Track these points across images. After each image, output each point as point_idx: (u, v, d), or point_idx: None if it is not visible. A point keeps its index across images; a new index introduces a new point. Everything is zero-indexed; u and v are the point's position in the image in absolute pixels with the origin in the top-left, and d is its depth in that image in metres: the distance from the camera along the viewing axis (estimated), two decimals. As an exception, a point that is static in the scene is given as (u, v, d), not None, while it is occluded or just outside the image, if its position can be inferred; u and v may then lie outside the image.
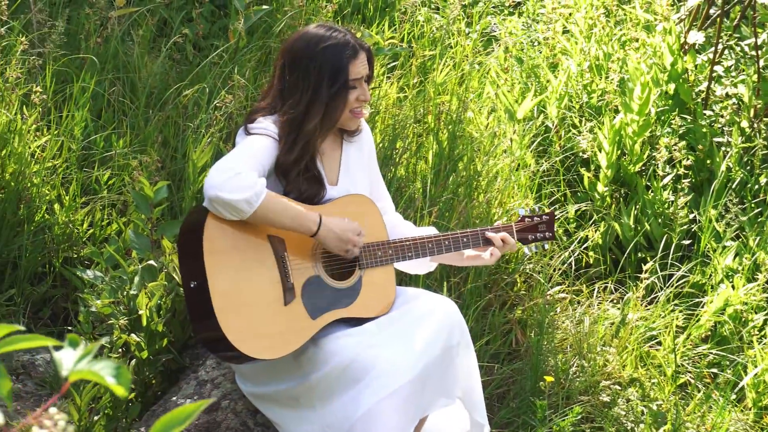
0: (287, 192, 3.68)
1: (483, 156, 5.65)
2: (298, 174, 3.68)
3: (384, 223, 3.91)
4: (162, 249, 4.39)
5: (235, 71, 5.39)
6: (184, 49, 5.74)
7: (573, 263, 5.64)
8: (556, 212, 4.34)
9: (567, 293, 5.53)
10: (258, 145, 3.61)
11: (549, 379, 4.64)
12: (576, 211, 5.86)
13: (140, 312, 4.22)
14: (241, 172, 3.45)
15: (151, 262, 4.35)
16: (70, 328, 4.64)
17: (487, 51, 6.68)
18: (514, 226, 4.20)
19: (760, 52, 5.99)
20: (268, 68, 5.62)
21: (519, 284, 5.38)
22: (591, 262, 5.77)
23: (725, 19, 6.31)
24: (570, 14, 6.53)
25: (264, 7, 5.65)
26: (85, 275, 4.49)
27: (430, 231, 4.04)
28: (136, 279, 4.34)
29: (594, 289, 5.56)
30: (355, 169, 3.92)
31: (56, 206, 4.82)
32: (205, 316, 3.54)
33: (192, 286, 3.57)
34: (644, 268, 5.41)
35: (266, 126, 3.67)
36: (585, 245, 5.77)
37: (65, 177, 4.97)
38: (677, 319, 5.32)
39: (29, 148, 4.81)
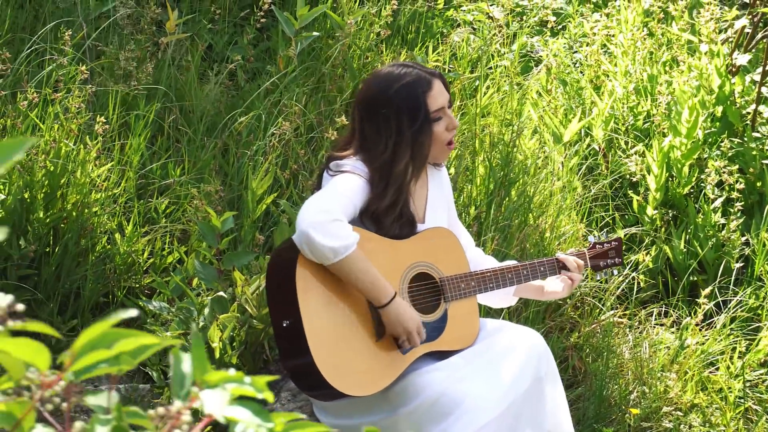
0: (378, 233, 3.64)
1: (532, 180, 5.62)
2: (393, 220, 3.64)
3: (465, 256, 3.88)
4: (232, 280, 4.34)
5: (285, 97, 5.35)
6: (235, 74, 5.70)
7: (627, 288, 5.60)
8: (618, 237, 4.36)
9: (622, 317, 5.51)
10: (351, 186, 3.55)
11: (634, 411, 4.60)
12: (625, 235, 5.84)
13: (213, 345, 4.17)
14: (339, 219, 3.40)
15: (221, 293, 4.31)
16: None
17: (525, 73, 6.64)
18: (587, 253, 4.20)
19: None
20: (318, 94, 5.59)
21: (570, 309, 5.35)
22: (643, 286, 5.74)
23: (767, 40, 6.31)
24: (613, 35, 6.51)
25: (314, 33, 5.61)
26: (150, 306, 4.45)
27: (510, 263, 4.01)
28: (206, 310, 4.30)
29: (649, 314, 5.53)
30: (437, 205, 3.89)
31: (117, 235, 4.77)
32: (300, 354, 3.50)
33: (285, 325, 3.53)
34: (703, 293, 5.38)
35: (355, 164, 3.62)
36: (636, 269, 5.74)
37: (124, 206, 4.93)
38: (739, 345, 5.29)
39: (89, 177, 4.76)
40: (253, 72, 5.89)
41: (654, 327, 5.48)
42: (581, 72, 6.48)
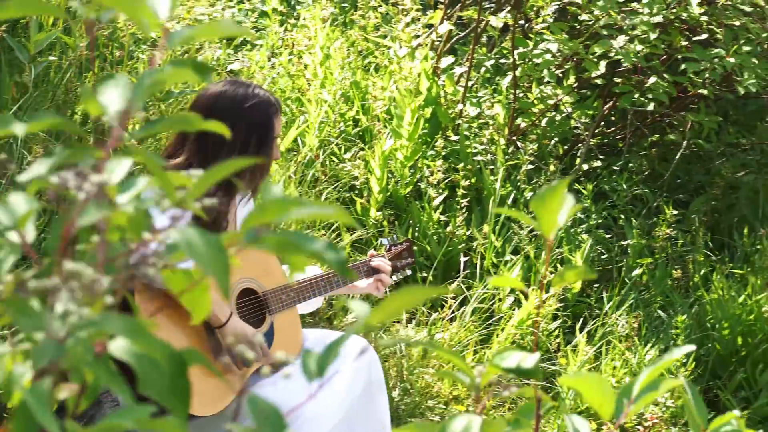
0: None
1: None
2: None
3: (282, 268, 3.84)
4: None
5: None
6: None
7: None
8: (408, 239, 4.38)
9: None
10: None
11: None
12: (352, 240, 5.80)
13: None
14: None
15: None
16: None
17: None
18: (386, 255, 4.22)
19: (517, 72, 6.22)
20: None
21: (322, 311, 5.25)
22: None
23: (470, 43, 6.51)
24: (312, 45, 6.48)
25: (51, 57, 5.28)
26: None
27: (316, 270, 3.97)
28: None
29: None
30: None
31: None
32: None
33: None
34: (450, 288, 5.44)
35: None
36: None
37: None
38: (479, 333, 5.38)
39: None
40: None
41: (397, 325, 5.47)
42: (285, 83, 6.39)
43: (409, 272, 4.40)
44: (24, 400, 1.07)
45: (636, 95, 6.11)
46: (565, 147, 6.62)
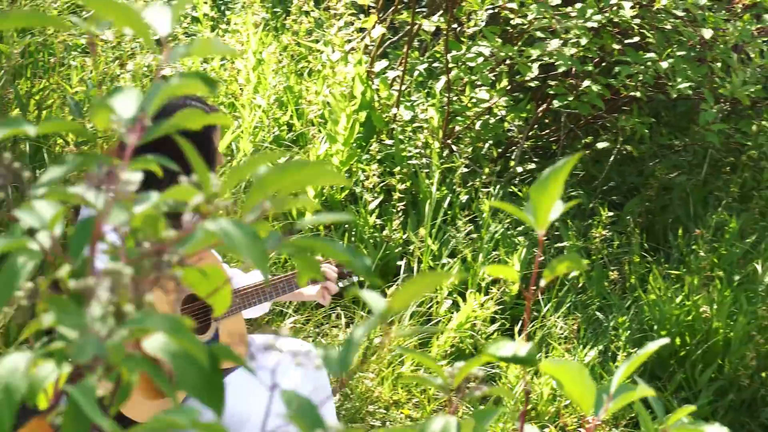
0: None
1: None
2: None
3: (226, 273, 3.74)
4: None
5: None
6: None
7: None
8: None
9: (296, 323, 5.40)
10: None
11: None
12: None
13: None
14: None
15: None
16: None
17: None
18: (332, 261, 4.16)
19: (450, 76, 6.19)
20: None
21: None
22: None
23: (403, 47, 6.48)
24: (245, 51, 6.40)
25: None
26: None
27: (260, 276, 3.92)
28: None
29: (325, 317, 5.46)
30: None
31: None
32: None
33: None
34: (388, 292, 5.39)
35: None
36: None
37: None
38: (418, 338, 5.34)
39: None
40: None
41: (332, 328, 5.42)
42: (221, 87, 6.30)
43: (355, 278, 4.33)
44: (72, 397, 1.11)
45: (570, 99, 6.12)
46: (500, 150, 6.61)
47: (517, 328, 5.58)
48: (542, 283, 1.52)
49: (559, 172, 1.42)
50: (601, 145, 6.71)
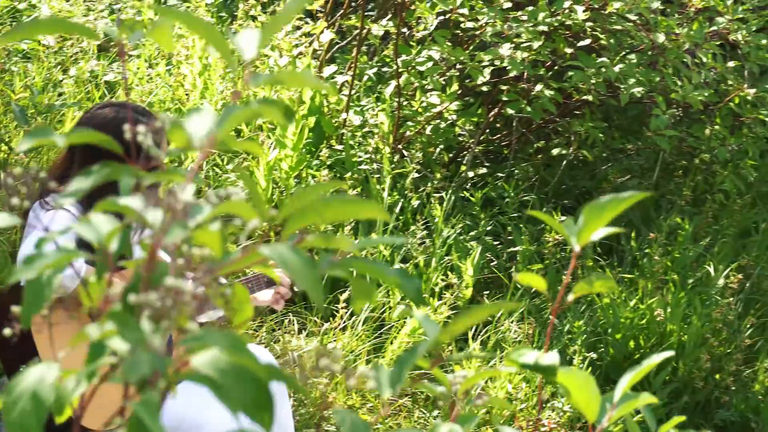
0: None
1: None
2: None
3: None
4: None
5: None
6: None
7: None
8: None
9: (258, 329, 5.30)
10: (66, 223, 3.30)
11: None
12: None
13: None
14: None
15: None
16: None
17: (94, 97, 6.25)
18: None
19: (401, 80, 6.13)
20: None
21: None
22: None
23: (351, 51, 6.41)
24: (190, 56, 6.31)
25: None
26: None
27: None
28: None
29: (277, 323, 5.37)
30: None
31: None
32: None
33: (21, 370, 3.06)
34: (341, 298, 5.32)
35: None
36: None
37: None
38: (369, 343, 5.26)
39: None
40: None
41: (285, 335, 5.33)
42: (167, 92, 6.21)
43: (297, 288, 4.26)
44: (135, 411, 1.13)
45: (523, 104, 6.07)
46: (451, 155, 6.55)
47: (471, 333, 5.52)
48: (570, 297, 1.54)
49: (621, 202, 1.46)
50: (555, 151, 6.68)
